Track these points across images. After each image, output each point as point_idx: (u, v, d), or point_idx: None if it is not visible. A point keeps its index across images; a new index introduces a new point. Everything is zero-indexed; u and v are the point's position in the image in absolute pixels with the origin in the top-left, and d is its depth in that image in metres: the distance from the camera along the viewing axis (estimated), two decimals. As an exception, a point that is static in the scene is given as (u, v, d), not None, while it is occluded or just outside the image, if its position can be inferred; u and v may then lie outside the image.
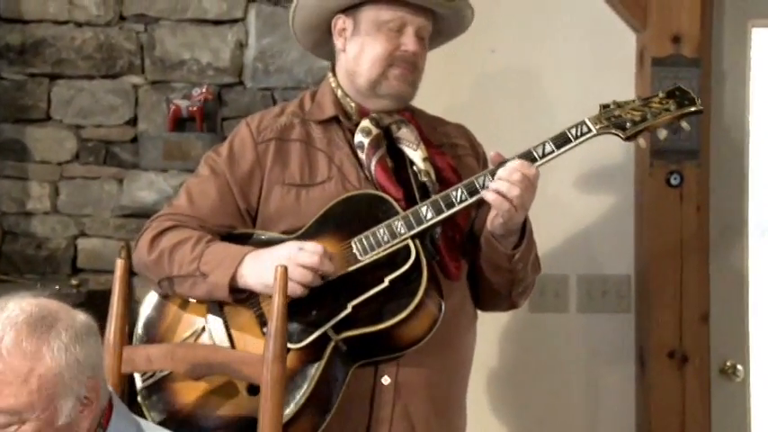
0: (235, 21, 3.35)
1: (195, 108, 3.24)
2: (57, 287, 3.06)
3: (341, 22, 2.52)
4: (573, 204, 3.44)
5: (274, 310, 2.16)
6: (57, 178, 3.34)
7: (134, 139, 3.34)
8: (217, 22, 3.35)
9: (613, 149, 3.35)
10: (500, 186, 2.34)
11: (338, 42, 2.54)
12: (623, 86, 3.47)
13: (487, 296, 2.59)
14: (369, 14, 2.48)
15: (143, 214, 3.27)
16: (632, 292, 3.50)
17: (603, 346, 3.51)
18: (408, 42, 2.46)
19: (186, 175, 3.23)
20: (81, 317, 1.83)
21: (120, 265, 2.25)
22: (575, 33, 3.49)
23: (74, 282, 3.07)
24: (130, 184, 3.26)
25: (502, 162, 2.38)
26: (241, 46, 3.35)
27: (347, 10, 2.50)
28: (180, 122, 3.28)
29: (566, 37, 3.49)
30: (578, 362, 3.49)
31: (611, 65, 3.50)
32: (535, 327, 3.44)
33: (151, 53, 3.33)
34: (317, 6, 2.54)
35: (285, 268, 2.18)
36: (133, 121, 3.34)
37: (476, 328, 2.62)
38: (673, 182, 3.39)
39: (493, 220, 2.41)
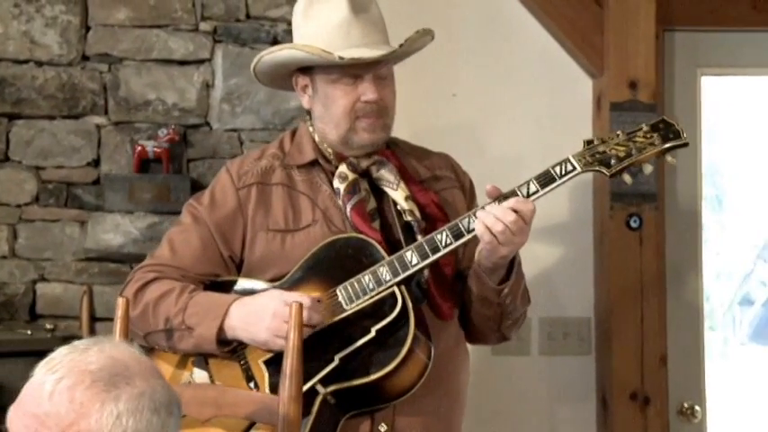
0: (201, 61, 3.30)
1: (161, 149, 3.18)
2: (29, 332, 2.95)
3: (300, 79, 2.51)
4: (533, 247, 3.44)
5: (289, 348, 2.12)
6: (15, 221, 3.22)
7: (96, 181, 3.24)
8: (183, 63, 3.29)
9: (573, 192, 3.40)
10: (486, 220, 2.31)
11: (303, 100, 2.54)
12: (579, 129, 3.54)
13: (477, 330, 2.57)
14: (321, 73, 2.46)
15: (107, 258, 3.20)
16: (592, 335, 3.54)
17: (565, 388, 3.53)
18: (367, 91, 2.42)
19: (153, 218, 3.19)
20: (159, 390, 1.66)
21: (121, 304, 2.18)
22: (532, 78, 3.55)
23: (48, 326, 2.96)
24: (95, 227, 3.17)
25: (498, 197, 2.35)
26: (207, 86, 3.29)
27: (304, 68, 2.50)
28: (144, 164, 3.21)
29: (524, 81, 3.55)
30: (541, 403, 3.50)
31: (566, 108, 3.57)
32: (498, 369, 3.44)
33: (115, 93, 3.25)
34: (274, 69, 2.54)
35: (300, 305, 2.15)
36: (95, 163, 3.25)
37: (469, 365, 2.61)
38: (632, 224, 3.44)
39: (480, 254, 2.38)
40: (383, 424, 2.37)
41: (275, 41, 3.31)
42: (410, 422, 2.40)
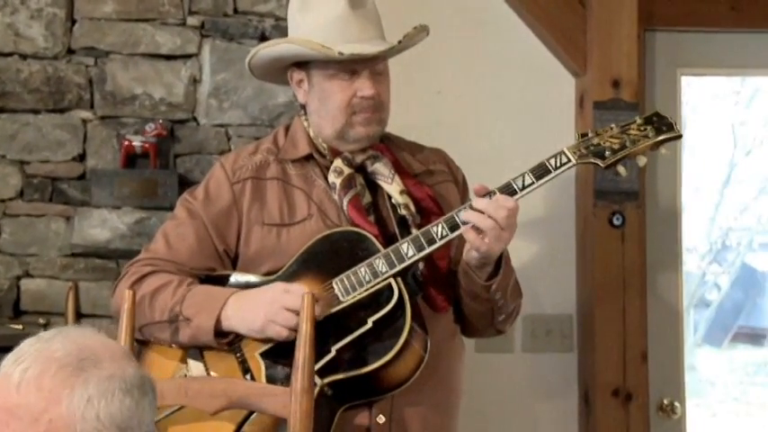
0: (188, 56, 3.26)
1: (149, 144, 3.15)
2: (21, 327, 2.91)
3: (296, 74, 2.51)
4: (516, 244, 3.44)
5: (301, 339, 2.12)
6: (-1, 216, 3.18)
7: (81, 176, 3.20)
8: (170, 57, 3.25)
9: (556, 189, 3.41)
10: (477, 221, 2.32)
11: (298, 95, 2.53)
12: (562, 127, 3.56)
13: (472, 324, 2.59)
14: (317, 68, 2.46)
15: (95, 253, 3.16)
16: (575, 332, 3.56)
17: (548, 385, 3.56)
18: (364, 87, 2.43)
19: (141, 213, 3.16)
20: (130, 371, 1.63)
21: (128, 296, 2.16)
22: (516, 76, 3.58)
23: (41, 321, 2.92)
24: (82, 222, 3.13)
25: (485, 194, 2.37)
26: (195, 81, 3.26)
27: (300, 63, 2.49)
28: (130, 159, 3.18)
29: (508, 79, 3.57)
30: (524, 400, 3.52)
31: (549, 106, 3.60)
32: (481, 367, 3.44)
33: (101, 87, 3.21)
34: (269, 64, 2.53)
35: (312, 295, 2.15)
36: (81, 157, 3.21)
37: (464, 357, 2.61)
38: (615, 222, 3.47)
39: (469, 252, 2.39)
40: (381, 415, 2.38)
41: (263, 37, 3.29)
42: (408, 413, 2.41)
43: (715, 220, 5.15)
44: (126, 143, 3.15)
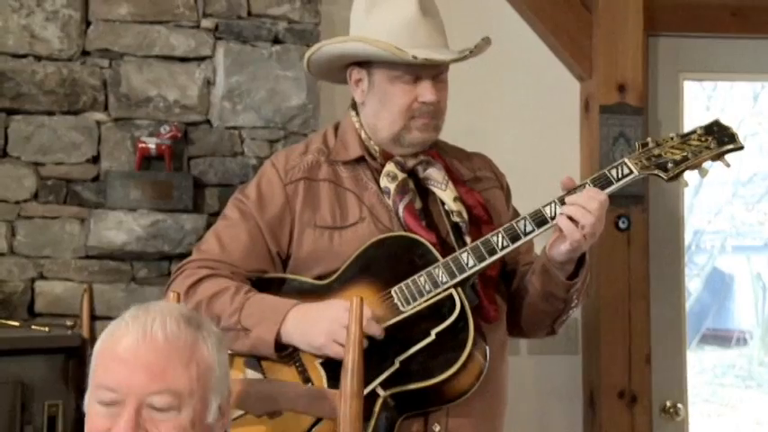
0: (202, 58, 3.26)
1: (165, 146, 3.14)
2: (47, 329, 2.89)
3: (356, 73, 2.48)
4: (523, 247, 3.51)
5: (350, 342, 2.09)
6: (14, 218, 3.14)
7: (96, 178, 3.19)
8: (184, 59, 3.25)
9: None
10: (574, 213, 2.29)
11: (356, 94, 2.50)
12: (567, 131, 3.61)
13: (528, 326, 2.56)
14: (381, 69, 2.42)
15: (110, 255, 3.15)
16: (579, 334, 3.59)
17: (553, 387, 3.59)
18: (425, 93, 2.39)
19: (156, 215, 3.15)
20: (215, 328, 1.83)
21: (172, 299, 2.15)
22: (521, 80, 3.62)
23: (68, 323, 2.89)
24: (98, 224, 3.11)
25: (572, 189, 2.34)
26: (209, 84, 3.26)
27: (361, 62, 2.46)
28: (144, 161, 3.17)
29: (513, 83, 3.61)
30: (530, 402, 3.55)
31: (554, 110, 3.63)
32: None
33: (116, 89, 3.20)
34: (330, 61, 2.50)
35: (361, 298, 2.12)
36: (95, 159, 3.20)
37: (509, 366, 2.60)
38: (621, 225, 3.51)
39: (557, 248, 2.34)
40: (436, 424, 2.35)
41: (276, 39, 3.30)
42: (462, 423, 2.38)
43: (688, 223, 5.18)
44: (141, 145, 3.14)
